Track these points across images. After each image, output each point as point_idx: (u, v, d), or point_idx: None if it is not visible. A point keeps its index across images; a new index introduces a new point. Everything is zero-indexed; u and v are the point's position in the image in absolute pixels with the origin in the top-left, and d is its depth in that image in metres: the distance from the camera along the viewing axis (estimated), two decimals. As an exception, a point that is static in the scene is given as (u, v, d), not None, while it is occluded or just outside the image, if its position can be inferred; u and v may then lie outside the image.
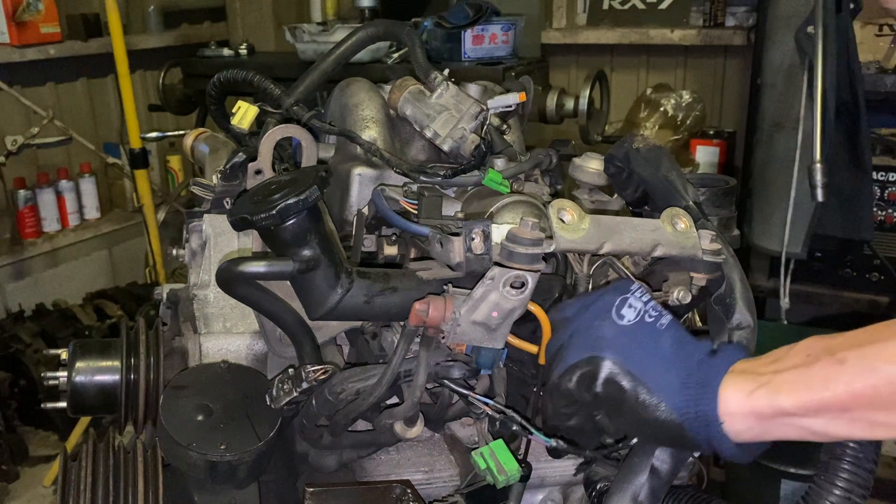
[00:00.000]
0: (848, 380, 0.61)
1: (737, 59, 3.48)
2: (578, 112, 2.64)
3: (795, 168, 2.42)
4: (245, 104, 1.11)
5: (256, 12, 3.55)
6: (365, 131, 1.10)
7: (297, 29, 2.84)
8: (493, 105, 1.05)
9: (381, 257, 0.93)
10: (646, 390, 0.70)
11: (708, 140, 3.32)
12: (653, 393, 0.69)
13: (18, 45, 3.17)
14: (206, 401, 0.90)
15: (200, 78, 3.06)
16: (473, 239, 0.79)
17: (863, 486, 0.68)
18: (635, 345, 0.72)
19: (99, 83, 3.72)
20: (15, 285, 3.41)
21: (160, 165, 3.84)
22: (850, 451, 0.68)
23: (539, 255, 0.75)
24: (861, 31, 2.68)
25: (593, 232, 0.77)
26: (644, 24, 3.60)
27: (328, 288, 0.81)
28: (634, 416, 0.70)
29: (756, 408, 0.65)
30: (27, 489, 2.86)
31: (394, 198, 0.95)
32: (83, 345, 1.02)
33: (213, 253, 1.08)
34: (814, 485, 0.70)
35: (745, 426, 0.67)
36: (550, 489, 1.00)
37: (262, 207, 0.76)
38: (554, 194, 1.08)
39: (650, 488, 0.73)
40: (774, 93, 2.51)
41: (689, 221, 0.81)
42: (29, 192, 3.38)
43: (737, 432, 0.67)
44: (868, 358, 0.61)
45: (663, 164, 0.91)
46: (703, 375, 0.69)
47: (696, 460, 0.87)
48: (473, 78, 1.23)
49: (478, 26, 2.69)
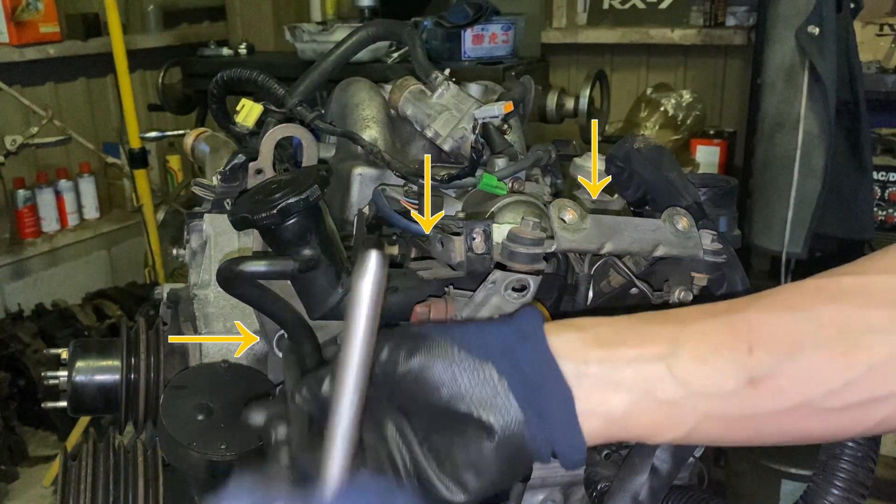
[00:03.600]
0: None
1: (737, 58, 3.48)
2: (578, 112, 2.64)
3: (796, 168, 2.42)
4: (249, 102, 1.11)
5: (256, 12, 3.55)
6: (365, 131, 1.10)
7: (296, 28, 2.84)
8: (480, 115, 1.06)
9: (381, 257, 0.93)
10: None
11: (708, 140, 3.32)
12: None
13: (18, 44, 3.17)
14: (206, 401, 0.90)
15: (200, 77, 3.06)
16: (474, 238, 0.79)
17: (862, 485, 0.68)
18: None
19: (98, 83, 3.72)
20: (14, 285, 3.41)
21: (160, 165, 3.84)
22: (849, 451, 0.68)
23: (540, 255, 0.75)
24: (862, 31, 2.68)
25: (594, 231, 0.76)
26: (644, 23, 3.60)
27: (329, 287, 0.81)
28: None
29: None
30: (27, 489, 2.86)
31: (394, 197, 0.95)
32: (83, 344, 1.02)
33: (214, 252, 1.08)
34: (812, 484, 0.70)
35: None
36: (551, 489, 1.00)
37: (263, 207, 0.76)
38: (555, 193, 1.08)
39: (650, 488, 0.73)
40: (775, 93, 2.52)
41: (690, 221, 0.81)
42: (28, 191, 3.38)
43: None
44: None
45: (664, 164, 0.91)
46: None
47: (697, 460, 0.87)
48: (474, 78, 1.23)
49: (478, 26, 2.69)
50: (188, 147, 1.38)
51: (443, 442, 0.55)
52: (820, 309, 0.54)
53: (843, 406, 0.53)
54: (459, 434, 0.54)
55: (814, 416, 0.54)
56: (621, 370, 0.54)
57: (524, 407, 0.53)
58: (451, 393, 0.54)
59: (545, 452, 0.54)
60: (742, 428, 0.55)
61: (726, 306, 0.57)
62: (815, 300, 0.55)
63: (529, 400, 0.53)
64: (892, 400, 0.53)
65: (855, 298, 0.54)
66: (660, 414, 0.54)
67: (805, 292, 0.56)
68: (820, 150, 2.42)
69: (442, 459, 0.55)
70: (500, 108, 1.05)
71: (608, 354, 0.55)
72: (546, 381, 0.54)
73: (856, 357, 0.52)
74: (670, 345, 0.54)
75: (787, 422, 0.54)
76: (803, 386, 0.53)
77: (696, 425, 0.54)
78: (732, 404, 0.53)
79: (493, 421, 0.53)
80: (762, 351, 0.53)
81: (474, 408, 0.54)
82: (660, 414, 0.54)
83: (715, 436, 0.56)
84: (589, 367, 0.54)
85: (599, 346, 0.55)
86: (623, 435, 0.56)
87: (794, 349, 0.53)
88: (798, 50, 2.39)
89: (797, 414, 0.53)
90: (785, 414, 0.53)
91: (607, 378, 0.54)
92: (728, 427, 0.55)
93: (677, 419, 0.54)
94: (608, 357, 0.55)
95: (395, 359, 0.56)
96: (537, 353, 0.54)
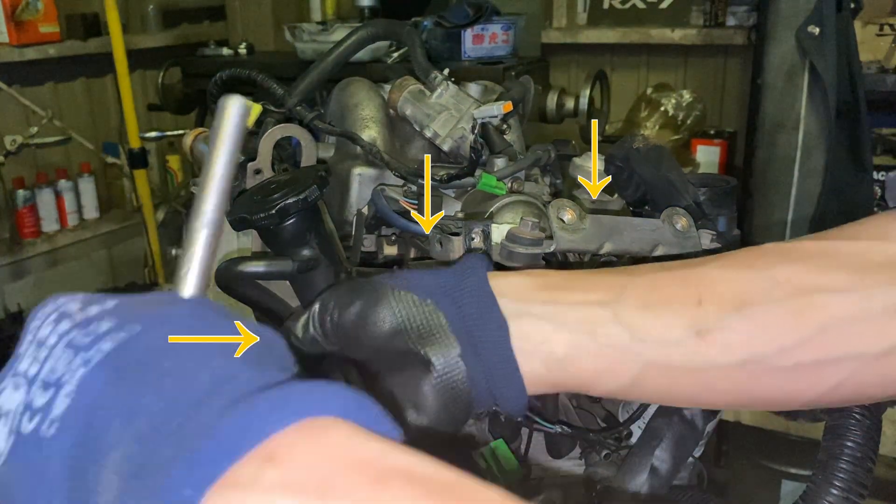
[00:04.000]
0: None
1: (737, 58, 3.48)
2: (578, 112, 2.64)
3: (796, 168, 2.42)
4: (248, 102, 1.10)
5: (256, 12, 3.55)
6: (365, 131, 1.10)
7: (296, 28, 2.84)
8: (479, 115, 1.06)
9: (380, 257, 0.93)
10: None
11: (708, 140, 3.32)
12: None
13: (17, 44, 3.17)
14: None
15: (200, 77, 3.05)
16: (473, 239, 0.79)
17: (862, 485, 0.68)
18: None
19: (98, 83, 3.72)
20: (14, 285, 3.40)
21: (159, 165, 3.84)
22: (849, 451, 0.68)
23: (539, 255, 0.74)
24: (862, 31, 2.68)
25: (594, 232, 0.76)
26: (644, 23, 3.60)
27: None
28: None
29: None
30: (26, 489, 2.86)
31: (394, 197, 0.95)
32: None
33: (213, 253, 1.08)
34: (812, 484, 0.70)
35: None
36: (551, 489, 1.00)
37: (262, 207, 0.76)
38: (554, 193, 1.08)
39: (650, 488, 0.73)
40: (775, 93, 2.52)
41: (690, 221, 0.81)
42: (28, 191, 3.38)
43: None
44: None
45: (664, 164, 0.90)
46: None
47: (697, 460, 0.87)
48: (474, 77, 1.23)
49: (478, 26, 2.69)
50: (188, 147, 1.38)
51: (390, 381, 0.54)
52: (777, 268, 0.53)
53: (795, 364, 0.51)
54: (400, 371, 0.54)
55: (764, 375, 0.52)
56: (564, 312, 0.53)
57: (462, 342, 0.52)
58: (393, 329, 0.53)
59: (483, 391, 0.53)
60: (689, 381, 0.53)
61: (681, 263, 0.57)
62: (774, 260, 0.54)
63: (467, 335, 0.53)
64: (845, 363, 0.51)
65: (814, 260, 0.53)
66: (602, 359, 0.53)
67: (765, 253, 0.55)
68: (820, 150, 2.42)
69: (389, 399, 0.54)
70: (500, 107, 1.05)
71: (553, 297, 0.54)
72: (482, 317, 0.53)
73: (809, 316, 0.51)
74: (618, 292, 0.53)
75: (737, 378, 0.53)
76: (753, 341, 0.51)
77: (640, 374, 0.53)
78: (678, 354, 0.52)
79: (432, 355, 0.52)
80: (712, 304, 0.52)
81: (415, 344, 0.53)
82: (602, 359, 0.53)
83: (661, 388, 0.54)
84: (531, 308, 0.53)
85: (544, 290, 0.54)
86: (565, 381, 0.54)
87: (746, 304, 0.52)
88: (798, 50, 2.39)
89: (747, 370, 0.52)
90: (734, 369, 0.52)
91: (549, 318, 0.53)
92: (674, 379, 0.53)
93: (620, 365, 0.53)
94: (552, 299, 0.54)
95: (340, 305, 0.56)
96: (476, 290, 0.54)
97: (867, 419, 0.69)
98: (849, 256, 0.52)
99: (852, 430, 0.69)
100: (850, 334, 0.51)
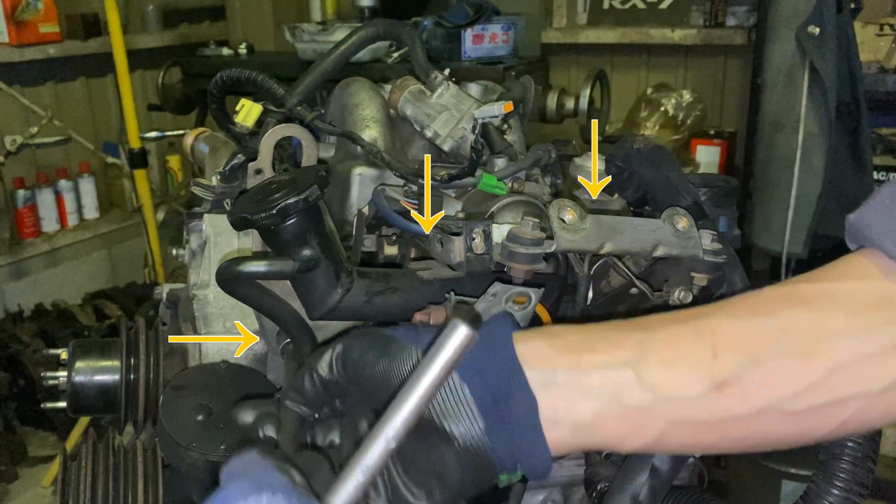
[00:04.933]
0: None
1: (737, 58, 3.48)
2: (578, 112, 2.65)
3: (796, 168, 2.42)
4: (249, 102, 1.10)
5: (256, 12, 3.55)
6: (365, 131, 1.10)
7: (296, 28, 2.84)
8: (480, 115, 1.06)
9: (381, 257, 0.93)
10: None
11: (708, 140, 3.32)
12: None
13: (17, 44, 3.17)
14: (205, 401, 0.90)
15: (200, 77, 3.06)
16: (474, 239, 0.79)
17: (862, 485, 0.68)
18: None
19: (98, 83, 3.72)
20: (14, 285, 3.41)
21: (159, 165, 3.84)
22: (849, 451, 0.68)
23: (540, 255, 0.74)
24: (861, 31, 2.68)
25: (594, 232, 0.76)
26: (644, 23, 3.60)
27: (328, 288, 0.80)
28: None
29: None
30: (26, 489, 2.86)
31: (394, 197, 0.95)
32: (83, 344, 1.02)
33: (213, 253, 1.08)
34: (812, 484, 0.70)
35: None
36: (551, 490, 1.00)
37: (263, 207, 0.76)
38: (555, 193, 1.08)
39: (650, 488, 0.73)
40: (775, 93, 2.52)
41: (690, 221, 0.81)
42: (28, 191, 3.38)
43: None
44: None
45: (664, 164, 0.90)
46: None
47: (697, 460, 0.87)
48: (474, 77, 1.23)
49: (478, 26, 2.69)
50: (188, 147, 1.38)
51: (408, 447, 0.54)
52: (781, 315, 0.55)
53: (806, 408, 0.54)
54: (423, 440, 0.54)
55: (778, 419, 0.54)
56: (589, 377, 0.54)
57: (486, 415, 0.53)
58: None
59: (509, 462, 0.54)
60: (709, 433, 0.55)
61: (691, 313, 0.58)
62: (777, 306, 0.56)
63: (492, 408, 0.53)
64: (852, 402, 0.54)
65: (813, 304, 0.55)
66: (627, 421, 0.54)
67: (767, 299, 0.57)
68: (820, 150, 2.42)
69: (407, 464, 0.54)
70: (500, 107, 1.05)
71: (575, 360, 0.55)
72: (511, 390, 0.53)
73: (817, 360, 0.53)
74: (637, 350, 0.55)
75: (753, 425, 0.55)
76: (767, 389, 0.53)
77: (664, 432, 0.55)
78: (699, 409, 0.54)
79: (454, 430, 0.53)
80: (727, 356, 0.54)
81: (436, 416, 0.53)
82: (627, 421, 0.54)
83: (683, 442, 0.56)
84: (556, 375, 0.54)
85: (566, 352, 0.55)
86: (590, 443, 0.56)
87: (758, 354, 0.54)
88: (798, 50, 2.39)
89: (762, 417, 0.54)
90: (750, 417, 0.54)
91: (575, 385, 0.54)
92: (695, 432, 0.55)
93: (645, 426, 0.55)
94: (576, 363, 0.55)
95: (364, 359, 0.56)
96: (503, 361, 0.54)
97: (867, 419, 0.69)
98: (843, 298, 0.55)
99: (853, 430, 0.69)
100: (853, 375, 0.53)
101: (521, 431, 0.53)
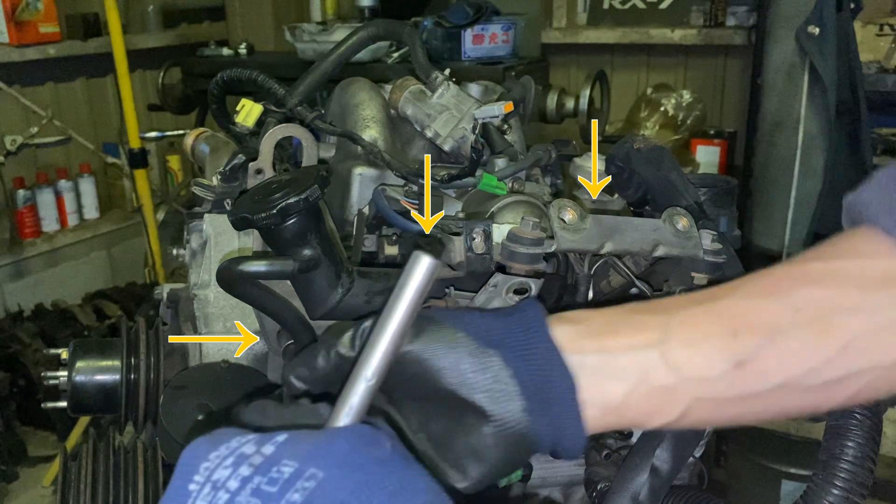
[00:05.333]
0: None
1: (737, 58, 3.48)
2: (578, 112, 2.65)
3: (796, 168, 2.43)
4: (249, 102, 1.11)
5: (256, 12, 3.55)
6: (366, 131, 1.10)
7: (296, 28, 2.84)
8: (480, 115, 1.06)
9: (381, 257, 0.93)
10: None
11: (708, 140, 3.32)
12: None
13: (17, 44, 3.17)
14: (205, 401, 0.90)
15: (200, 77, 3.06)
16: (474, 238, 0.79)
17: (862, 485, 0.68)
18: None
19: (98, 83, 3.72)
20: (14, 285, 3.41)
21: (159, 165, 3.84)
22: (849, 451, 0.68)
23: (540, 255, 0.75)
24: (861, 31, 2.68)
25: (594, 232, 0.77)
26: (644, 23, 3.60)
27: (329, 287, 0.80)
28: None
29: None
30: (26, 489, 2.86)
31: (395, 197, 0.95)
32: (83, 344, 1.02)
33: (214, 252, 1.08)
34: (812, 484, 0.70)
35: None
36: (551, 489, 1.00)
37: (263, 206, 0.76)
38: (555, 193, 1.08)
39: (650, 488, 0.73)
40: (775, 93, 2.52)
41: (690, 221, 0.81)
42: (28, 191, 3.38)
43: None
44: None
45: (664, 164, 0.91)
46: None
47: (697, 460, 0.87)
48: (474, 77, 1.23)
49: (478, 26, 2.69)
50: (188, 147, 1.38)
51: (441, 427, 0.56)
52: (795, 293, 0.57)
53: (822, 382, 0.56)
54: (458, 420, 0.55)
55: (795, 394, 0.57)
56: (617, 359, 0.56)
57: (530, 397, 0.55)
58: (453, 378, 0.55)
59: (547, 442, 0.56)
60: (729, 408, 0.58)
61: (707, 294, 0.60)
62: (790, 285, 0.58)
63: (534, 390, 0.55)
64: (864, 374, 0.56)
65: (825, 282, 0.57)
66: (654, 400, 0.57)
67: (780, 279, 0.59)
68: (820, 150, 2.42)
69: (441, 445, 0.56)
70: (500, 108, 1.05)
71: (603, 344, 0.57)
72: (551, 372, 0.55)
73: (831, 336, 0.55)
74: (661, 332, 0.57)
75: (771, 400, 0.57)
76: (786, 366, 0.56)
77: (688, 409, 0.57)
78: (721, 386, 0.56)
79: (493, 409, 0.54)
80: (746, 335, 0.56)
81: (475, 394, 0.55)
82: (654, 400, 0.57)
83: (704, 417, 0.59)
84: (586, 358, 0.56)
85: (594, 337, 0.57)
86: (617, 423, 0.58)
87: (775, 332, 0.56)
88: (798, 50, 2.40)
89: (780, 392, 0.56)
90: (769, 393, 0.56)
91: (604, 368, 0.56)
92: (716, 408, 0.58)
93: (670, 404, 0.57)
94: (603, 347, 0.57)
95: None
96: (542, 344, 0.56)
97: (868, 419, 0.69)
98: (852, 275, 0.57)
99: (853, 430, 0.69)
100: (866, 349, 0.56)
101: (561, 412, 0.55)
